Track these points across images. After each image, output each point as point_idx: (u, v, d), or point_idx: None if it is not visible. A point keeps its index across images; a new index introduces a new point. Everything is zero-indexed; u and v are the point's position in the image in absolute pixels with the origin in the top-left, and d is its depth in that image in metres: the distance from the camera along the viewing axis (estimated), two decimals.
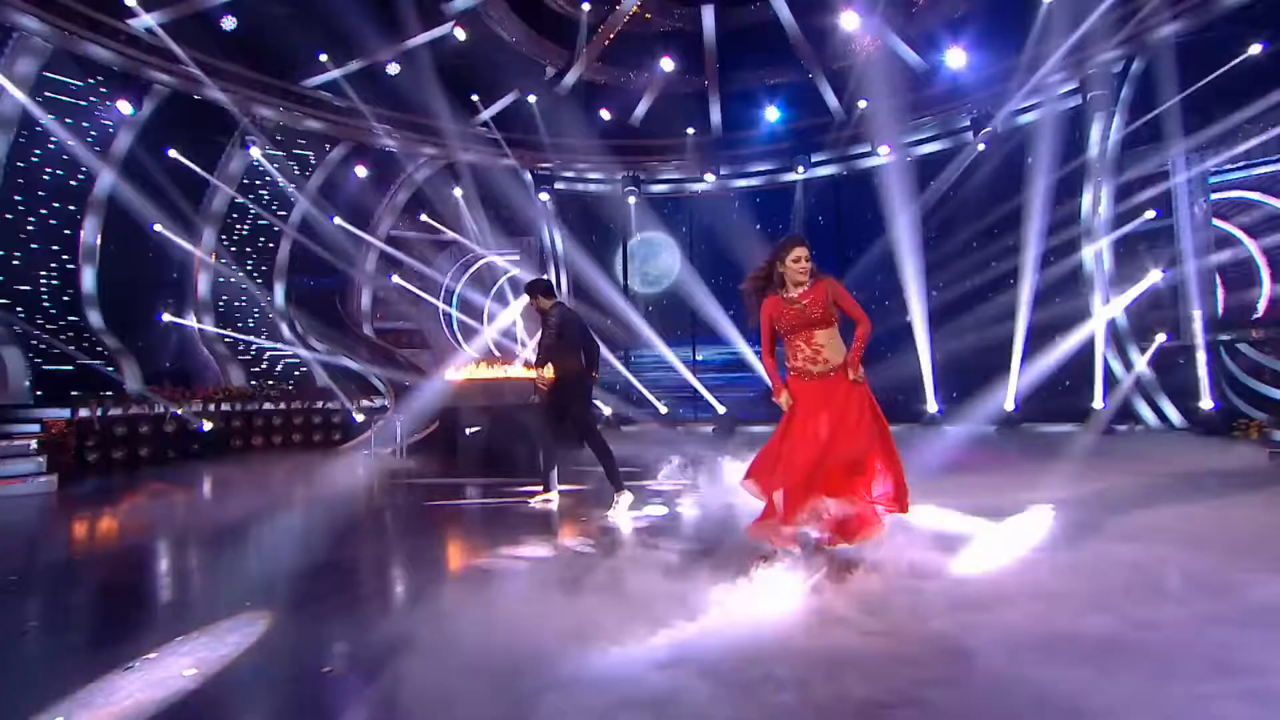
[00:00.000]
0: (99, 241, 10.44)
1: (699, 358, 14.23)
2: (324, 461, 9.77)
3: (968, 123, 11.53)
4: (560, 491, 5.98)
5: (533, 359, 12.70)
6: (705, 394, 13.58)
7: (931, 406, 11.83)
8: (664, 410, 13.62)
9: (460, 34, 11.44)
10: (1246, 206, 10.93)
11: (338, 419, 12.46)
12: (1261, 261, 10.98)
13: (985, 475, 6.66)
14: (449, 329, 15.20)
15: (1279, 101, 9.08)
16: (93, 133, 10.38)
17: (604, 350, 13.46)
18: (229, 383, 11.77)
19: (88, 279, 10.34)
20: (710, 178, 13.05)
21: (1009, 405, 11.15)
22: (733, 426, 12.31)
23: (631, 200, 13.89)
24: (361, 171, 13.10)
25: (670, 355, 13.70)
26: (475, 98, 12.91)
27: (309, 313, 13.34)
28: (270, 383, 12.58)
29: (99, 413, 9.09)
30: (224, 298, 12.46)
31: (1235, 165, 10.39)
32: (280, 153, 12.60)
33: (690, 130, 12.99)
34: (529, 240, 14.86)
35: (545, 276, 7.38)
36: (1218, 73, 9.33)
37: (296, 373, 13.31)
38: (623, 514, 5.22)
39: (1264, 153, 9.92)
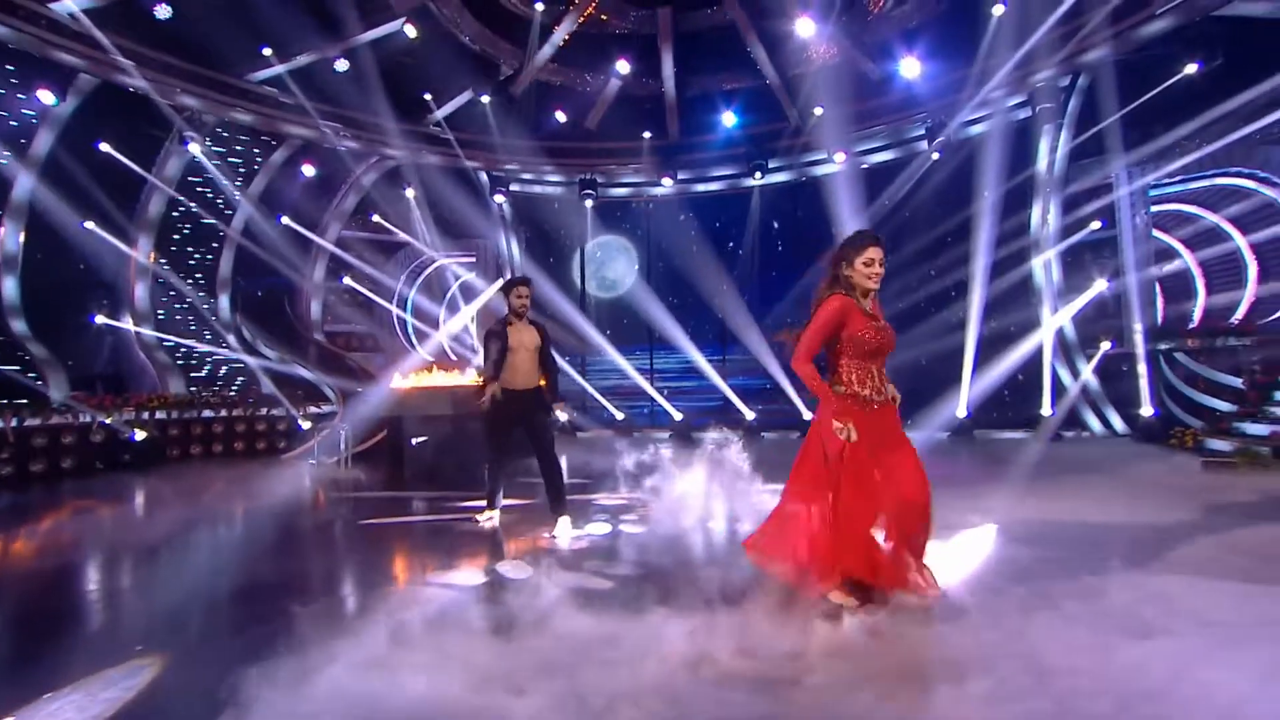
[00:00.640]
0: (21, 240, 9.86)
1: (656, 364, 14.13)
2: (264, 472, 9.39)
3: (922, 132, 11.65)
4: (505, 507, 5.78)
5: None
6: (661, 401, 13.49)
7: None
8: (620, 417, 13.48)
9: (411, 31, 11.13)
10: (1185, 220, 11.29)
11: (283, 426, 12.02)
12: (1197, 273, 11.36)
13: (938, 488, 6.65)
14: (403, 332, 14.86)
15: (1212, 120, 9.39)
16: (12, 123, 9.81)
17: (559, 360, 13.45)
18: (166, 389, 11.26)
19: (9, 283, 9.76)
20: (668, 182, 12.95)
21: (961, 412, 11.29)
22: (689, 433, 12.23)
23: (588, 204, 13.72)
24: (309, 171, 12.68)
25: (622, 361, 13.57)
26: (428, 97, 12.60)
27: (256, 317, 12.89)
28: (215, 389, 12.09)
29: (13, 423, 8.56)
30: (164, 299, 11.93)
31: (1173, 180, 10.72)
32: (221, 149, 12.13)
33: (647, 134, 12.87)
34: (484, 243, 14.61)
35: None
36: (1155, 91, 9.61)
37: (241, 379, 12.83)
38: (564, 534, 5.06)
39: (1199, 168, 10.24)
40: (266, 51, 10.78)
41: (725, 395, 13.01)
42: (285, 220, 12.96)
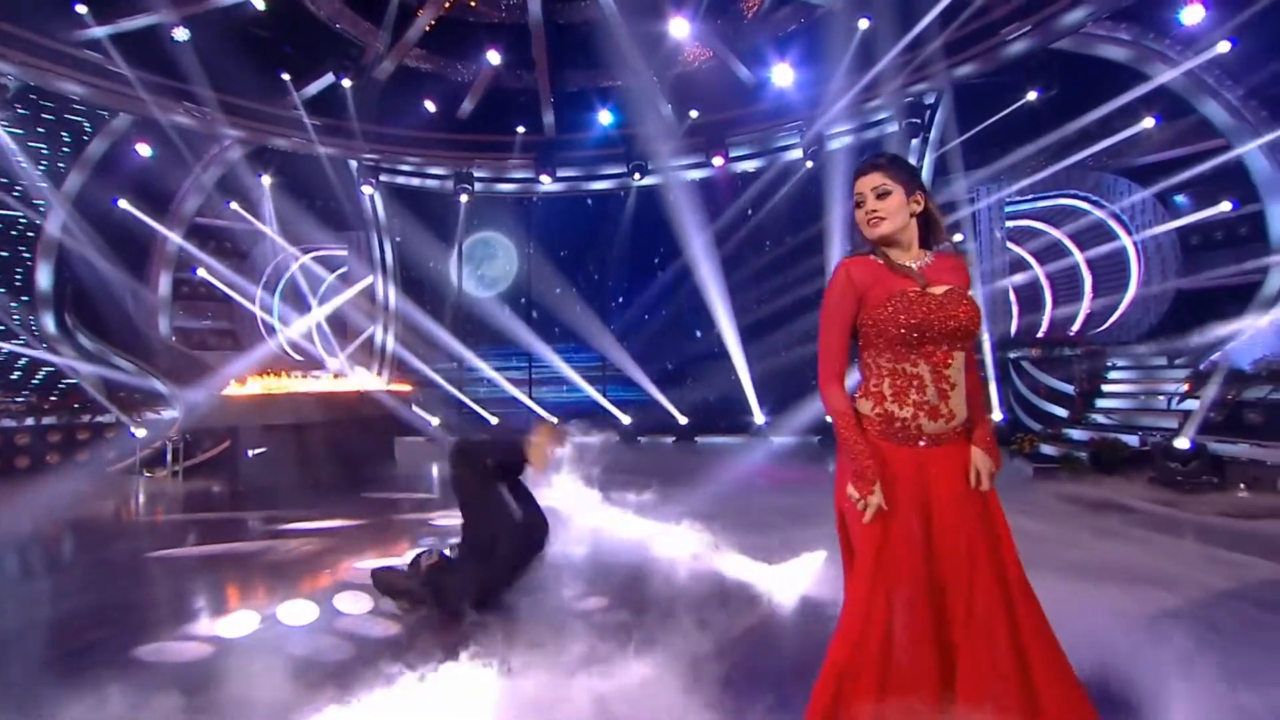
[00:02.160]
0: None
1: (535, 365, 13.73)
2: (70, 488, 8.27)
3: (794, 140, 11.79)
4: (330, 530, 5.27)
5: (343, 368, 11.77)
6: (533, 406, 13.16)
7: (759, 418, 12.00)
8: (494, 421, 13.01)
9: (259, 1, 10.17)
10: (1033, 235, 12.05)
11: (112, 435, 10.78)
12: (1045, 285, 12.16)
13: (794, 495, 6.66)
14: (266, 330, 13.75)
15: (1051, 144, 10.08)
16: None
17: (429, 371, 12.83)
18: None
19: None
20: (546, 180, 12.53)
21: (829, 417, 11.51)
22: (563, 437, 11.92)
23: (463, 199, 13.11)
24: (145, 151, 11.37)
25: (489, 370, 13.16)
26: (286, 77, 11.61)
27: (92, 316, 11.47)
28: (25, 394, 10.65)
29: None
30: None
31: (1025, 198, 11.41)
32: (34, 123, 10.67)
33: (520, 129, 12.40)
34: (357, 235, 13.72)
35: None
36: (1005, 112, 10.16)
37: (64, 383, 11.39)
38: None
39: (1044, 188, 10.94)
40: (81, 9, 9.48)
41: (602, 399, 12.87)
42: (124, 205, 11.64)
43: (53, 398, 10.80)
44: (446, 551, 3.79)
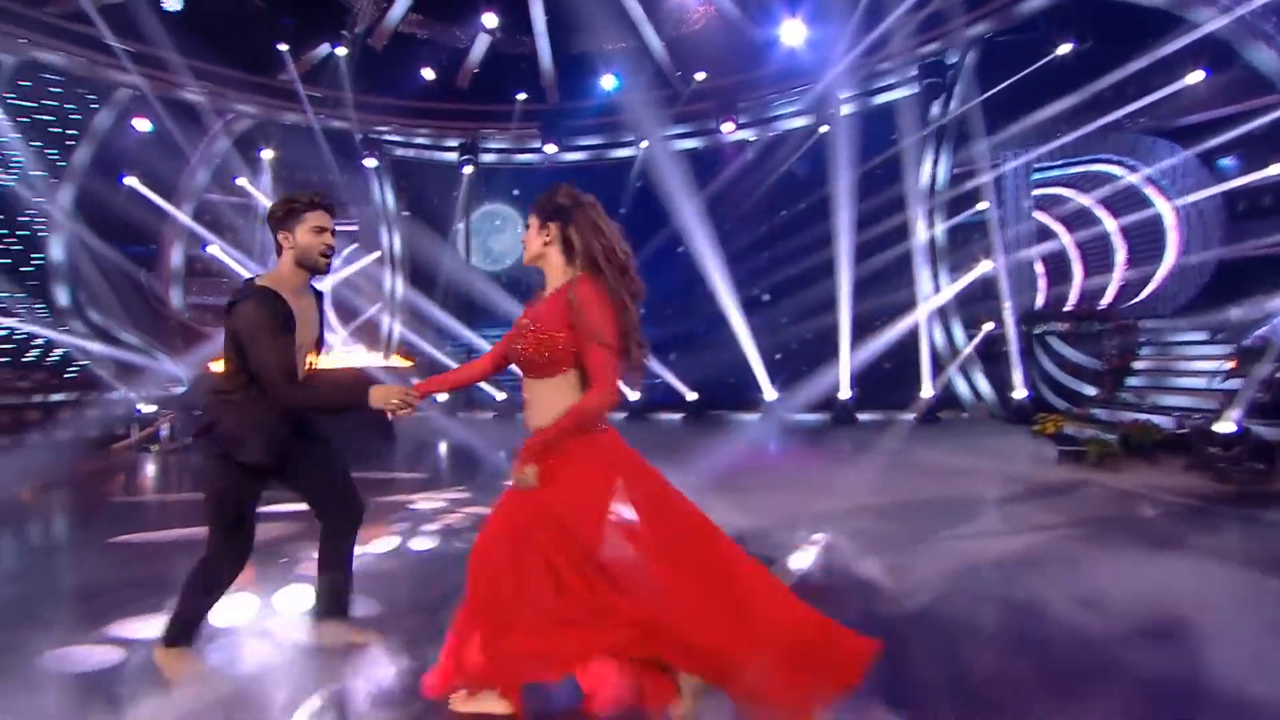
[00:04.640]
0: None
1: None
2: (60, 463, 8.18)
3: (805, 104, 11.15)
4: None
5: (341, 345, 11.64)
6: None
7: (770, 394, 11.53)
8: (500, 397, 12.82)
9: None
10: (1062, 201, 11.31)
11: (121, 411, 10.84)
12: (1075, 255, 11.44)
13: (779, 486, 6.33)
14: None
15: (1084, 102, 9.32)
16: None
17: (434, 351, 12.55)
18: None
19: None
20: (551, 149, 12.10)
21: (844, 393, 11.04)
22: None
23: (467, 170, 12.76)
24: (143, 125, 11.23)
25: (488, 346, 12.94)
26: (284, 48, 11.33)
27: (107, 296, 11.52)
28: (34, 372, 10.74)
29: None
30: None
31: (1054, 163, 10.68)
32: (30, 102, 10.58)
33: (522, 96, 11.94)
34: (363, 211, 13.52)
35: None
36: (1030, 69, 9.42)
37: (74, 366, 11.46)
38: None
39: (1075, 151, 10.20)
40: None
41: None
42: (131, 183, 11.61)
43: (43, 373, 10.85)
44: None
